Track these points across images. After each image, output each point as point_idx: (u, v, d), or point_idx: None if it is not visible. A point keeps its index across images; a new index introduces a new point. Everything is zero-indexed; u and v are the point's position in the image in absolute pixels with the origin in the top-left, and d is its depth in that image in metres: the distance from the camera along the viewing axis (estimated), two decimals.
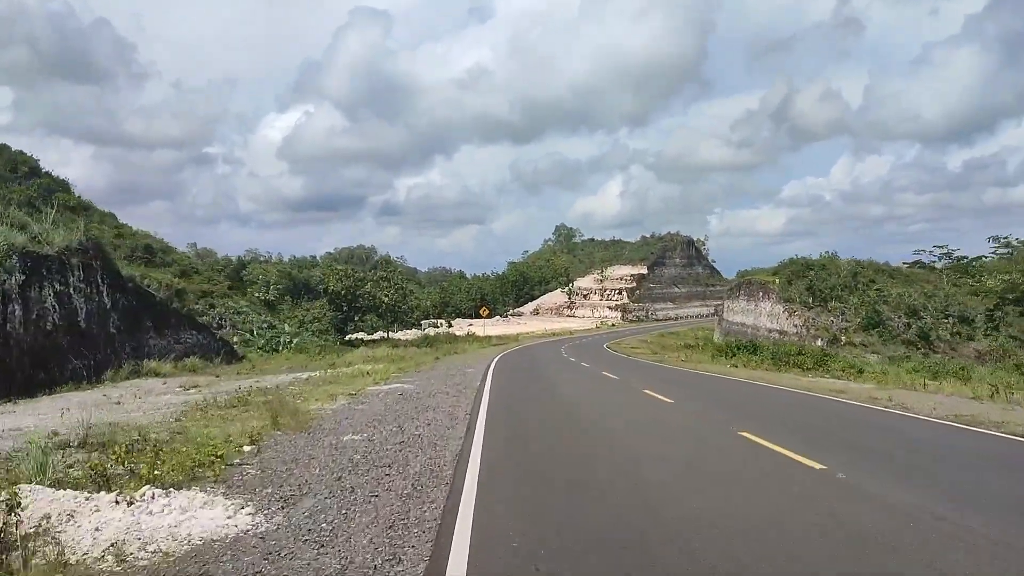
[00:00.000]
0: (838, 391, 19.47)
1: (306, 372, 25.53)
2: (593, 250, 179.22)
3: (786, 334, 58.68)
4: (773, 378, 24.78)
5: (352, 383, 19.60)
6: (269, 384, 19.87)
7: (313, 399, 15.71)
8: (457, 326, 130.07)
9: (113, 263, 28.76)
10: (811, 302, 58.16)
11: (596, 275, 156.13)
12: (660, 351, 50.18)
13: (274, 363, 34.10)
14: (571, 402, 17.22)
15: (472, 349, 48.47)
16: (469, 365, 31.62)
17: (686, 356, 42.26)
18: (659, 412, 15.20)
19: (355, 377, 21.29)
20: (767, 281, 65.91)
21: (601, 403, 17.13)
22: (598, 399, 18.14)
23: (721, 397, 19.22)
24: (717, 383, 23.81)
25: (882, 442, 11.21)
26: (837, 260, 66.28)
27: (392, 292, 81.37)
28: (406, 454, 9.73)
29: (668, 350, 49.98)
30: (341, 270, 77.12)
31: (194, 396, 16.40)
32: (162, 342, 30.82)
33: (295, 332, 73.85)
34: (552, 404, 16.53)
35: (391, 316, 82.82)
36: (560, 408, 15.99)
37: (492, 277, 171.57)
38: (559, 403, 16.81)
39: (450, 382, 21.41)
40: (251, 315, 73.14)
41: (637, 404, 16.85)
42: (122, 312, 28.27)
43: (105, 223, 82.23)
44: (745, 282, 71.41)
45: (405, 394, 17.43)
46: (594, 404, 16.92)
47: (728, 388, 21.81)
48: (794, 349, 32.91)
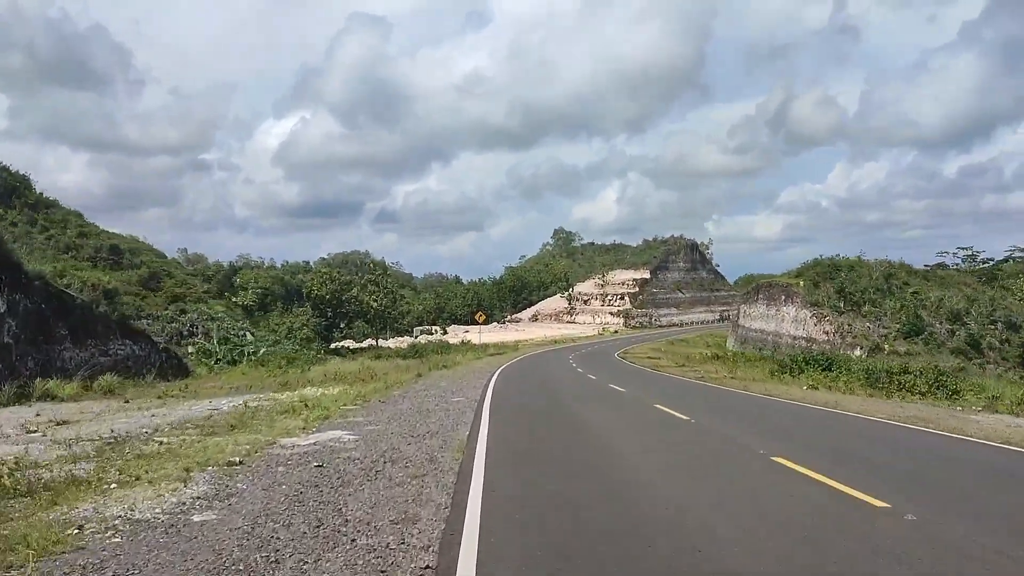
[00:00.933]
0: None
1: (245, 397, 19.69)
2: (593, 254, 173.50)
3: (815, 342, 52.98)
4: (894, 412, 16.89)
5: (271, 427, 12.73)
6: (158, 422, 13.96)
7: (133, 479, 8.44)
8: (452, 333, 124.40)
9: (11, 256, 22.94)
10: (842, 306, 52.49)
11: (597, 280, 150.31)
12: (685, 362, 43.59)
13: (224, 379, 28.31)
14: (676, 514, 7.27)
15: (465, 361, 41.53)
16: (457, 387, 23.92)
17: (729, 371, 35.78)
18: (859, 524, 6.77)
19: (285, 414, 14.43)
20: (790, 284, 60.23)
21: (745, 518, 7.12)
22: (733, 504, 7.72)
23: (885, 460, 10.62)
24: (851, 426, 14.65)
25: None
26: (866, 261, 60.62)
27: (381, 297, 75.74)
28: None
29: (693, 362, 43.46)
30: (325, 273, 71.42)
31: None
32: (82, 354, 25.00)
33: (275, 340, 68.25)
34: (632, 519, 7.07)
35: (380, 322, 77.08)
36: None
37: (489, 282, 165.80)
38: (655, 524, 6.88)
39: (421, 427, 13.54)
40: (228, 321, 67.45)
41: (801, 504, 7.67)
42: (23, 318, 22.48)
43: (69, 222, 76.69)
44: (764, 285, 65.73)
45: (328, 464, 9.57)
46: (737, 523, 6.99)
47: (889, 439, 12.75)
48: (898, 367, 26.22)
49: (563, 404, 19.61)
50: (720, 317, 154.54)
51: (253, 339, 61.44)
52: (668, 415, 16.38)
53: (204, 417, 14.50)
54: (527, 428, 14.08)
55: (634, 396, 22.30)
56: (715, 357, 42.74)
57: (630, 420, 15.95)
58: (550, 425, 14.64)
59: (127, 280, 63.28)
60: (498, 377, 30.38)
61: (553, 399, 21.21)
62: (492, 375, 31.46)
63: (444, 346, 57.72)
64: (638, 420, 15.94)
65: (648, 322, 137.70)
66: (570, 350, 65.21)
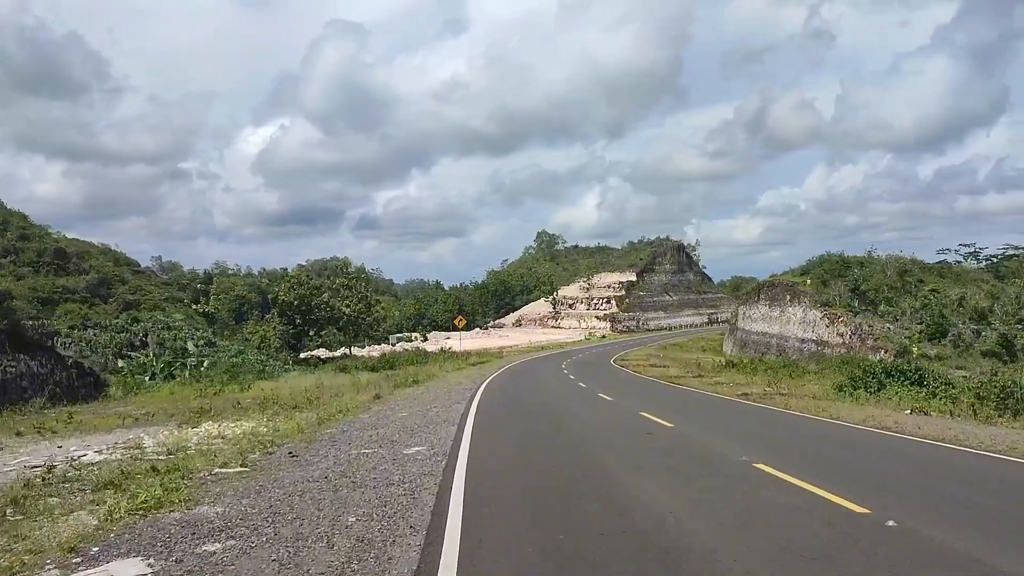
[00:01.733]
0: None
1: (151, 432, 14.55)
2: (577, 257, 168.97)
3: (827, 345, 48.45)
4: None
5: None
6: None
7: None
8: (433, 339, 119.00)
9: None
10: (857, 306, 48.04)
11: (582, 283, 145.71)
12: (700, 371, 37.53)
13: (140, 402, 23.06)
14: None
15: (441, 373, 35.44)
16: (423, 419, 17.33)
17: (769, 383, 28.58)
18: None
19: (103, 489, 8.79)
20: (796, 283, 55.76)
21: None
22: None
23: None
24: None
25: None
26: (876, 257, 56.37)
27: (355, 302, 70.42)
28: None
29: (707, 370, 37.01)
30: (293, 278, 66.00)
31: None
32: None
33: (240, 351, 62.93)
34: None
35: (354, 329, 71.76)
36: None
37: (471, 287, 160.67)
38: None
39: (314, 548, 6.72)
40: (186, 330, 61.89)
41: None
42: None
43: (10, 223, 70.78)
44: (767, 285, 61.24)
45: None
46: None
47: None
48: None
49: (598, 462, 11.46)
50: (709, 320, 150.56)
51: (196, 350, 55.93)
52: (781, 483, 9.42)
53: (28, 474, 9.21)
54: (549, 538, 6.95)
55: (695, 438, 14.21)
56: (730, 365, 37.63)
57: (749, 512, 8.06)
58: (600, 529, 7.28)
59: (70, 287, 57.56)
60: (481, 399, 23.54)
61: (573, 445, 13.39)
62: (473, 395, 24.72)
63: (420, 355, 52.53)
64: (763, 509, 8.18)
65: (636, 326, 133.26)
66: (561, 357, 60.27)
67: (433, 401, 22.58)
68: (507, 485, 9.56)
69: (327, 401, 20.78)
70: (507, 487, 9.42)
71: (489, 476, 10.10)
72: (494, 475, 10.24)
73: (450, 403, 21.74)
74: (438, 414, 18.45)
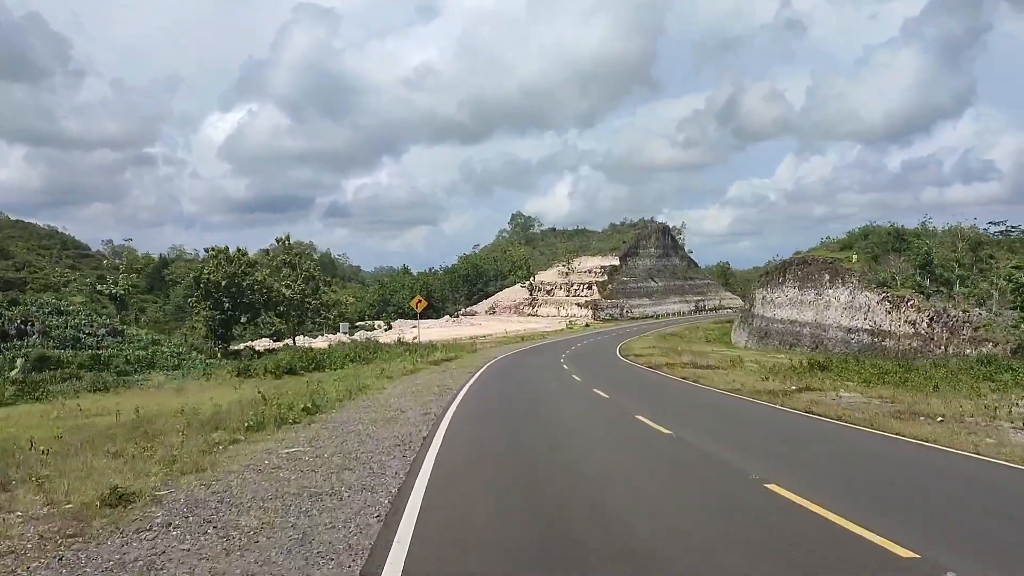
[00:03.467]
0: None
1: None
2: (555, 241, 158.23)
3: (889, 335, 38.22)
4: None
5: None
6: None
7: None
8: (398, 328, 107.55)
9: None
10: (928, 286, 37.87)
11: (561, 267, 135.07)
12: (771, 376, 24.47)
13: None
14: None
15: (379, 385, 22.09)
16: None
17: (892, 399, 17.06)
18: None
19: None
20: (837, 259, 45.48)
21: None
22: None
23: None
24: None
25: None
26: (932, 229, 46.41)
27: (298, 283, 58.82)
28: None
29: (782, 375, 23.58)
30: (220, 252, 54.25)
31: None
32: None
33: (152, 341, 51.33)
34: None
35: (297, 315, 60.15)
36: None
37: (440, 272, 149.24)
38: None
39: None
40: (82, 316, 49.98)
41: None
42: None
43: None
44: (797, 262, 50.88)
45: None
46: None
47: None
48: None
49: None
50: (696, 308, 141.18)
51: (94, 341, 44.27)
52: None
53: None
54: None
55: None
56: (818, 367, 25.52)
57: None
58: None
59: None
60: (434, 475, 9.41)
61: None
62: (422, 455, 11.04)
63: (369, 349, 41.20)
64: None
65: (619, 314, 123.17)
66: (549, 349, 49.34)
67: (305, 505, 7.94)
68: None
69: (91, 471, 8.92)
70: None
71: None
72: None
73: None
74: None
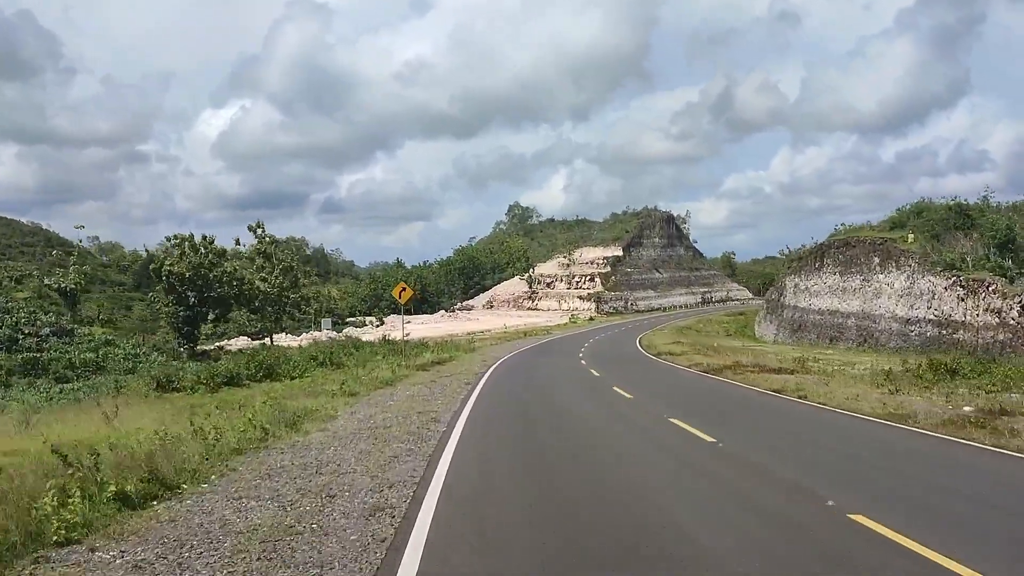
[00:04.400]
0: None
1: None
2: (554, 232, 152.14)
3: (964, 327, 32.20)
4: None
5: None
6: None
7: None
8: (390, 323, 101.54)
9: None
10: (1011, 269, 31.95)
11: (562, 259, 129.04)
12: (890, 385, 17.92)
13: None
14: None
15: (322, 413, 14.47)
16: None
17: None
18: None
19: None
20: (889, 239, 39.51)
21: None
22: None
23: None
24: None
25: None
26: (995, 204, 40.46)
27: (276, 276, 52.75)
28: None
29: (916, 382, 17.52)
30: (185, 240, 48.13)
31: None
32: None
33: (105, 341, 45.54)
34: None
35: (275, 311, 54.10)
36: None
37: (435, 265, 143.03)
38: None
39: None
40: (23, 313, 44.07)
41: None
42: None
43: None
44: (837, 244, 44.84)
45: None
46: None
47: None
48: None
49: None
50: (703, 300, 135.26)
51: (35, 341, 38.45)
52: None
53: None
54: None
55: None
56: (945, 370, 18.97)
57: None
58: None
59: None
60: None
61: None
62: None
63: (348, 348, 34.92)
64: None
65: (624, 307, 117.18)
66: (559, 347, 43.30)
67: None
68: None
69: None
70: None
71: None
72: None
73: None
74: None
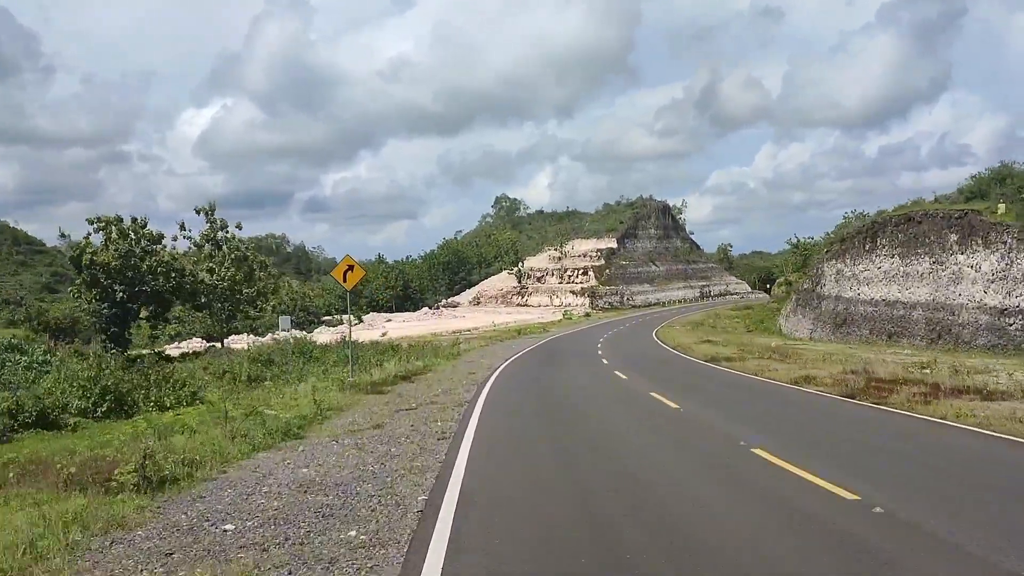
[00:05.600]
0: None
1: None
2: (544, 224, 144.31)
3: None
4: None
5: None
6: None
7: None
8: (369, 322, 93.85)
9: None
10: None
11: (552, 252, 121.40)
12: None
13: None
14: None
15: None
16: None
17: None
18: None
19: None
20: (972, 211, 32.18)
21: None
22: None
23: None
24: None
25: None
26: None
27: (228, 267, 44.85)
28: None
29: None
30: (111, 222, 40.12)
31: None
32: None
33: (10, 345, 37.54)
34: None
35: (226, 308, 46.20)
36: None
37: (419, 260, 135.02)
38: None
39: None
40: None
41: None
42: None
43: None
44: (897, 220, 37.42)
45: None
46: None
47: None
48: None
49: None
50: (701, 294, 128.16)
51: None
52: None
53: None
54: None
55: None
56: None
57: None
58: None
59: None
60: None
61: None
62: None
63: (298, 350, 26.95)
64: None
65: (620, 301, 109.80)
66: (567, 350, 35.57)
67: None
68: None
69: None
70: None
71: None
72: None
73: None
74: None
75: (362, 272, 18.78)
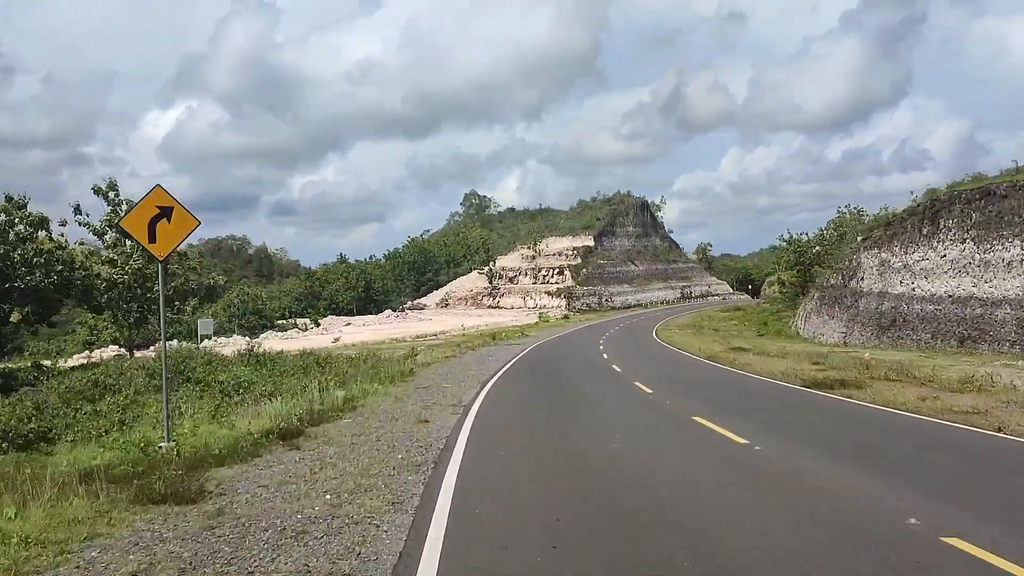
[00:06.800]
0: None
1: None
2: (515, 222, 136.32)
3: None
4: None
5: None
6: None
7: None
8: (326, 325, 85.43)
9: None
10: None
11: (525, 251, 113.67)
12: None
13: None
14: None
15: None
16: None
17: None
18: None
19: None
20: None
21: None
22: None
23: None
24: None
25: None
26: None
27: (136, 258, 36.21)
28: None
29: None
30: None
31: None
32: None
33: None
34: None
35: (134, 308, 37.53)
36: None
37: (383, 260, 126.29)
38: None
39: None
40: None
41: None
42: None
43: None
44: (967, 197, 30.06)
45: None
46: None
47: None
48: None
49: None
50: (682, 295, 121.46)
51: None
52: None
53: None
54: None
55: None
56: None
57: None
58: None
59: None
60: None
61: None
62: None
63: (177, 368, 17.97)
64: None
65: (598, 303, 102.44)
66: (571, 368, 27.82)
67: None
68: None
69: None
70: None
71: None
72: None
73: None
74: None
75: (193, 222, 10.25)
